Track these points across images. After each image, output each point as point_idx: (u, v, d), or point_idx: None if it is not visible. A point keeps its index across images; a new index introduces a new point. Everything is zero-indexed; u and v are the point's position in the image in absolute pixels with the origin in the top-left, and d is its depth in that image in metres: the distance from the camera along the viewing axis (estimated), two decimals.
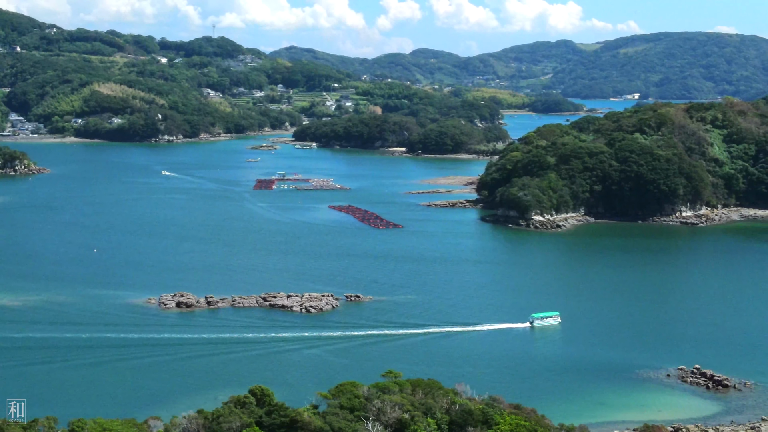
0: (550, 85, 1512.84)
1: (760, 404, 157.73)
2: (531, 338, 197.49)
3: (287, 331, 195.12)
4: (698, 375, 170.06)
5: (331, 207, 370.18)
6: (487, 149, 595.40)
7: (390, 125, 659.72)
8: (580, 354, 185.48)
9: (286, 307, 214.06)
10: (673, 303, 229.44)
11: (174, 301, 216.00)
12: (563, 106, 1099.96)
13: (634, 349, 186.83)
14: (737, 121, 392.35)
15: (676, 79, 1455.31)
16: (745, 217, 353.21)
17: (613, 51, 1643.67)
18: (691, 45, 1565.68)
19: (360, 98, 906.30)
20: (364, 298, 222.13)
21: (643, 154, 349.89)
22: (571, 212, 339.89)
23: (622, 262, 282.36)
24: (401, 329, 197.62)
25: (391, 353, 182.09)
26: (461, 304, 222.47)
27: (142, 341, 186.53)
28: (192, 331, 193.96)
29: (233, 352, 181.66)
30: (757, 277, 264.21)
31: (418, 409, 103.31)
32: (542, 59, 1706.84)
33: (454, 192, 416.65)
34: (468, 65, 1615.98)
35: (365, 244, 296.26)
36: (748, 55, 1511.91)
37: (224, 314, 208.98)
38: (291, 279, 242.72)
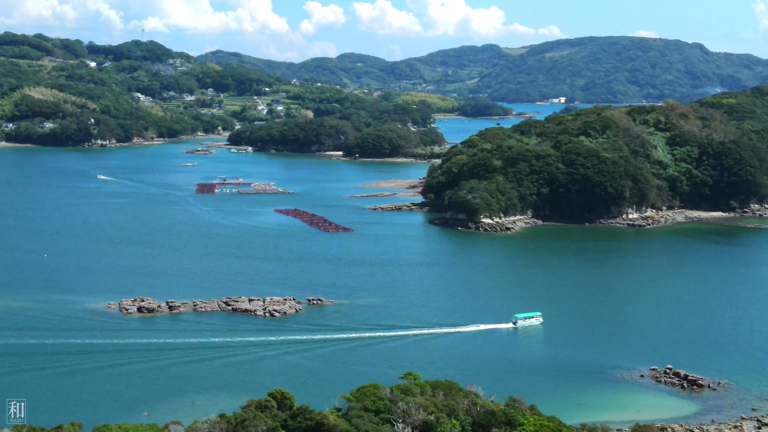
0: (477, 90, 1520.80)
1: (736, 403, 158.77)
2: (508, 339, 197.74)
3: (255, 336, 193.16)
4: (672, 375, 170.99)
5: (277, 211, 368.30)
6: (424, 153, 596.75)
7: (326, 129, 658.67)
8: (553, 354, 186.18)
9: (250, 311, 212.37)
10: (635, 304, 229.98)
11: (135, 306, 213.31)
12: (493, 110, 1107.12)
13: (605, 350, 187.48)
14: (680, 123, 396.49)
15: (601, 83, 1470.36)
16: (690, 218, 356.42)
17: (538, 55, 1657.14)
18: (615, 49, 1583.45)
19: (291, 102, 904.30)
20: (326, 302, 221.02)
21: (590, 156, 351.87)
22: (519, 215, 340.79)
23: (578, 264, 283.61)
24: (372, 332, 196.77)
25: (369, 357, 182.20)
26: (426, 306, 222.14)
27: (110, 347, 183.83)
28: (159, 336, 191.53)
29: (204, 357, 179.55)
30: (709, 277, 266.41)
31: (441, 410, 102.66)
32: (468, 63, 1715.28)
33: (398, 195, 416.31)
34: (395, 69, 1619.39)
35: (317, 247, 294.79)
36: (671, 60, 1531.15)
37: (188, 319, 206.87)
38: (248, 283, 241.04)
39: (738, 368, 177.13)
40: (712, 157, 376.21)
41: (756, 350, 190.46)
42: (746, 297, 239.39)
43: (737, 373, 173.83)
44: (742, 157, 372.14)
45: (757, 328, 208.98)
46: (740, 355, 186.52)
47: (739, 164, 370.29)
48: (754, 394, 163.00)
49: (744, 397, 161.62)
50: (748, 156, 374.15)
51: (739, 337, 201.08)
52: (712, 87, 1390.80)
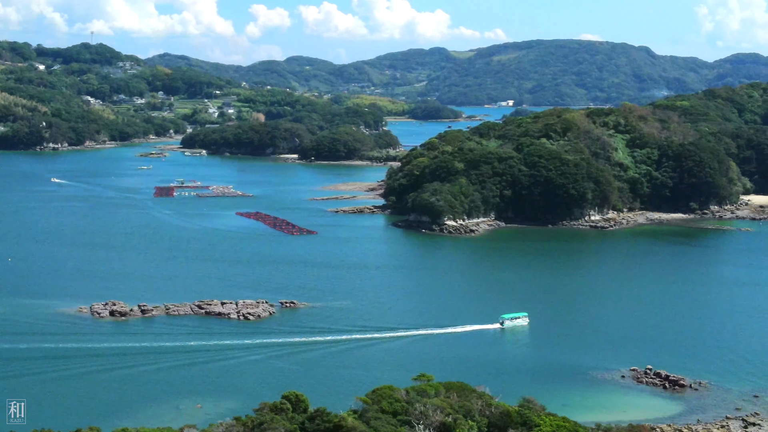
0: (425, 93, 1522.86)
1: (720, 403, 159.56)
2: (492, 340, 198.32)
3: (231, 339, 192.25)
4: (653, 375, 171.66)
5: (238, 214, 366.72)
6: (380, 156, 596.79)
7: (281, 132, 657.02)
8: (533, 355, 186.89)
9: (223, 315, 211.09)
10: (608, 305, 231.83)
11: (107, 309, 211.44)
12: (443, 113, 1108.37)
13: (583, 351, 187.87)
14: (639, 126, 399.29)
15: (549, 86, 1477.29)
16: (651, 220, 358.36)
17: (486, 58, 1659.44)
18: (562, 53, 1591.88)
19: (242, 105, 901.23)
20: (299, 305, 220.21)
21: (552, 159, 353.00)
22: (482, 217, 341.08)
23: (547, 265, 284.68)
24: (356, 335, 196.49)
25: (358, 359, 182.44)
26: (403, 308, 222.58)
27: (86, 351, 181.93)
28: (135, 340, 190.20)
29: (183, 361, 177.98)
30: (676, 278, 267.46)
31: (457, 412, 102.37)
32: (416, 67, 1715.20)
33: (359, 198, 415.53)
34: (343, 72, 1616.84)
35: (283, 250, 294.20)
36: (618, 63, 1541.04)
37: (162, 322, 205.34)
38: (218, 286, 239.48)
39: (716, 368, 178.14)
40: (671, 159, 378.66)
41: (731, 350, 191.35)
42: (714, 297, 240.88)
43: (716, 373, 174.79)
44: (702, 159, 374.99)
45: (729, 328, 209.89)
46: (717, 355, 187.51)
47: (698, 166, 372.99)
48: (735, 394, 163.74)
49: (726, 397, 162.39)
50: (708, 158, 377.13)
51: (712, 337, 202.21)
52: (659, 90, 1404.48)
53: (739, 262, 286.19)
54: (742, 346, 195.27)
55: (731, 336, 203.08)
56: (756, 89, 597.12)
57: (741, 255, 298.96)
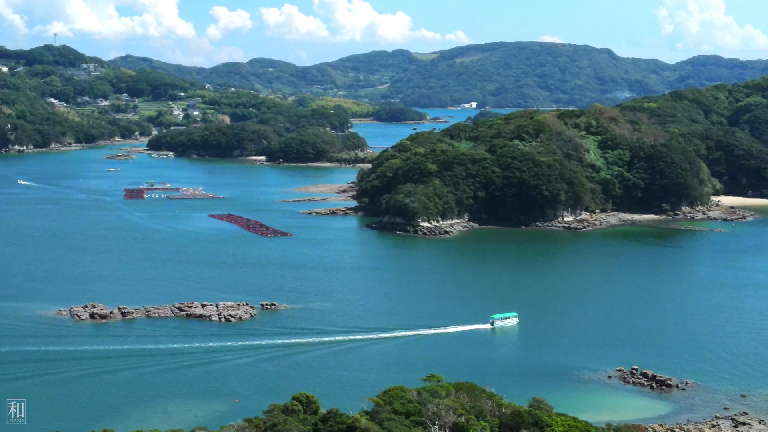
0: (389, 95, 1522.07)
1: (708, 403, 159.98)
2: (480, 340, 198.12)
3: (216, 341, 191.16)
4: (639, 375, 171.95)
5: (211, 216, 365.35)
6: (348, 157, 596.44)
7: (248, 134, 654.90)
8: (518, 356, 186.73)
9: (204, 317, 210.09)
10: (589, 306, 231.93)
11: (87, 312, 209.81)
12: (407, 115, 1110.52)
13: (569, 352, 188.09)
14: (610, 127, 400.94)
15: (512, 88, 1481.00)
16: (623, 221, 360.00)
17: (449, 60, 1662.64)
18: (525, 54, 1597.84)
19: (207, 107, 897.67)
20: (280, 306, 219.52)
21: (525, 160, 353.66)
22: (456, 218, 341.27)
23: (526, 266, 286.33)
24: (337, 336, 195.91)
25: (348, 361, 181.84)
26: (384, 310, 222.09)
27: (69, 354, 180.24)
28: (117, 342, 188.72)
29: (168, 363, 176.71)
30: (653, 278, 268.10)
31: (469, 412, 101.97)
32: (379, 69, 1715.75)
33: (330, 200, 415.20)
34: (306, 74, 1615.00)
35: (258, 252, 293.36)
36: (581, 65, 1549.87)
37: (143, 325, 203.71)
38: (196, 288, 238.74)
39: (700, 368, 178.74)
40: (643, 160, 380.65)
41: (714, 350, 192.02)
42: (693, 298, 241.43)
43: (701, 372, 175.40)
44: (673, 160, 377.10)
45: (710, 328, 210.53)
46: (700, 355, 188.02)
47: (670, 167, 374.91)
48: (722, 394, 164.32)
49: (714, 397, 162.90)
50: (679, 159, 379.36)
51: (695, 337, 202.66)
52: (621, 92, 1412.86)
53: (715, 263, 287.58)
54: (724, 346, 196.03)
55: (713, 336, 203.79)
56: (722, 91, 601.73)
57: (716, 256, 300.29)
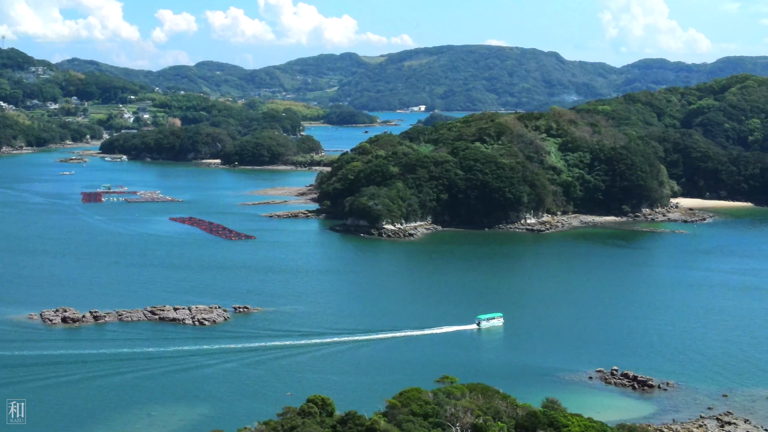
0: (337, 98, 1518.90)
1: (691, 403, 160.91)
2: (461, 342, 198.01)
3: (193, 344, 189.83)
4: (621, 376, 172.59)
5: (172, 219, 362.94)
6: (304, 160, 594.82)
7: (202, 137, 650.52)
8: (499, 357, 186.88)
9: (178, 320, 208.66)
10: (563, 307, 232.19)
11: (58, 316, 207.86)
12: (358, 118, 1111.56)
13: (547, 353, 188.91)
14: (570, 130, 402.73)
15: (460, 91, 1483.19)
16: (585, 223, 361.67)
17: (397, 64, 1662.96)
18: (473, 58, 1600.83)
19: (158, 110, 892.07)
20: (253, 309, 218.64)
21: (488, 162, 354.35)
22: (419, 221, 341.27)
23: (495, 268, 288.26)
24: (317, 339, 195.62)
25: (331, 364, 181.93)
26: (360, 312, 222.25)
27: (44, 359, 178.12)
28: (93, 347, 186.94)
29: (146, 367, 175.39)
30: (620, 279, 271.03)
31: (486, 413, 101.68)
32: (327, 72, 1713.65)
33: (290, 203, 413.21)
34: (254, 77, 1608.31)
35: (224, 255, 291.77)
36: (528, 68, 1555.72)
37: (116, 329, 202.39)
38: (165, 291, 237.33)
39: (679, 368, 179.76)
40: (603, 162, 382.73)
41: (690, 350, 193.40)
42: (662, 299, 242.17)
43: (680, 373, 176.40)
44: (634, 162, 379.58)
45: (682, 329, 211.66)
46: (678, 356, 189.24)
47: (630, 169, 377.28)
48: (704, 393, 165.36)
49: (696, 397, 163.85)
50: (639, 161, 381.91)
51: (668, 337, 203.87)
52: (569, 95, 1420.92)
53: (680, 264, 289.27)
54: (698, 346, 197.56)
55: (686, 337, 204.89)
56: (674, 93, 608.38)
57: (681, 257, 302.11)
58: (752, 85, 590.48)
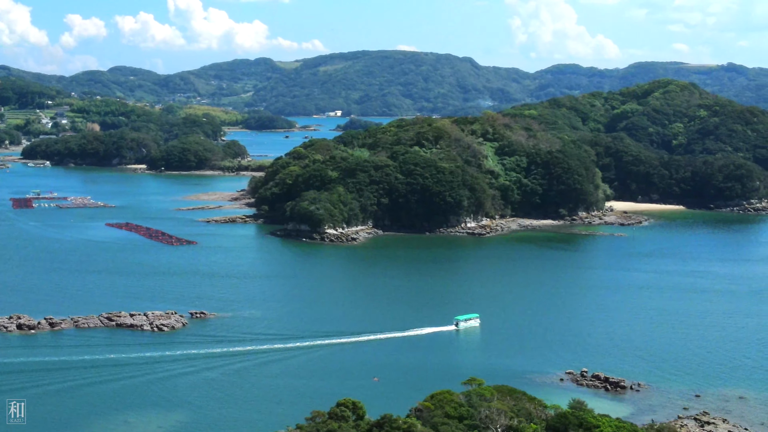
0: (253, 103, 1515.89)
1: (665, 403, 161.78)
2: (441, 343, 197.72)
3: (155, 351, 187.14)
4: (592, 378, 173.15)
5: (108, 225, 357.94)
6: (232, 165, 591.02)
7: (127, 142, 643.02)
8: (464, 361, 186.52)
9: (135, 326, 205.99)
10: (522, 309, 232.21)
11: (13, 323, 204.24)
12: (277, 123, 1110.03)
13: (515, 355, 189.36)
14: (507, 134, 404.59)
15: (376, 97, 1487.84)
16: (523, 227, 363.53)
17: (312, 69, 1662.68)
18: (388, 63, 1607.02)
19: (76, 116, 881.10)
20: (209, 315, 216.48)
21: (428, 167, 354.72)
22: (360, 225, 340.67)
23: (446, 272, 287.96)
24: (280, 343, 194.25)
25: (301, 368, 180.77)
26: (319, 316, 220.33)
27: (4, 367, 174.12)
28: (54, 353, 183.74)
29: (113, 374, 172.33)
30: (571, 282, 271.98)
31: (517, 415, 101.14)
32: (242, 77, 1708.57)
33: (225, 208, 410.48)
34: (168, 83, 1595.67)
35: (167, 260, 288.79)
36: (443, 73, 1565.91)
37: (73, 335, 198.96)
38: (115, 297, 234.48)
39: (646, 369, 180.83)
40: (540, 166, 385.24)
41: (653, 351, 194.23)
42: (614, 301, 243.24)
43: (648, 374, 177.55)
44: (570, 166, 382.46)
45: (640, 330, 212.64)
46: (642, 357, 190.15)
47: (567, 173, 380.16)
48: (676, 394, 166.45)
49: (669, 397, 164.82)
50: (576, 165, 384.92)
51: (629, 339, 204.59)
52: (484, 100, 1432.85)
53: (626, 267, 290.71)
54: (663, 347, 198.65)
55: (646, 338, 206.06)
56: (597, 98, 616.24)
57: (625, 260, 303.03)
58: (674, 89, 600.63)
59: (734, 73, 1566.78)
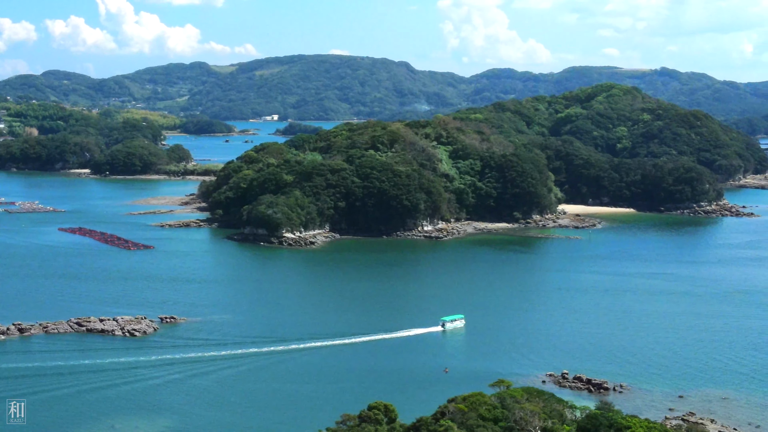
0: (188, 107, 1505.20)
1: (650, 404, 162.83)
2: (426, 345, 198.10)
3: (130, 356, 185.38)
4: (574, 379, 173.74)
5: (61, 229, 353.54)
6: (177, 169, 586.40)
7: (71, 146, 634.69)
8: (449, 363, 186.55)
9: (106, 332, 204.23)
10: (496, 312, 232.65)
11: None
12: (216, 128, 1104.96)
13: (494, 357, 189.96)
14: (460, 137, 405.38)
15: (312, 101, 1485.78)
16: (479, 230, 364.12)
17: (248, 73, 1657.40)
18: (324, 67, 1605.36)
19: (13, 120, 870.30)
20: (180, 319, 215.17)
21: (384, 170, 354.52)
22: (318, 229, 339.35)
23: (407, 275, 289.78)
24: (249, 348, 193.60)
25: (285, 372, 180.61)
26: (296, 320, 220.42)
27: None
28: (25, 360, 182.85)
29: (90, 380, 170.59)
30: (535, 284, 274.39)
31: (550, 416, 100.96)
32: (177, 81, 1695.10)
33: (177, 212, 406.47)
34: (103, 87, 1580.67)
35: (127, 265, 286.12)
36: (380, 78, 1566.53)
37: (45, 341, 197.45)
38: (81, 302, 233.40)
39: (625, 370, 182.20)
40: (494, 169, 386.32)
41: (627, 352, 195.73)
42: (580, 302, 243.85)
43: (628, 375, 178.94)
44: (524, 169, 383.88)
45: (609, 331, 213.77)
46: (619, 358, 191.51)
47: (521, 176, 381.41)
48: (659, 395, 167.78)
49: (653, 398, 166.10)
50: (530, 168, 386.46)
51: (601, 340, 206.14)
52: (420, 104, 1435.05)
53: (587, 269, 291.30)
54: (639, 348, 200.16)
55: (617, 339, 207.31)
56: (541, 102, 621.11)
57: (585, 262, 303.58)
58: (617, 93, 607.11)
59: (667, 78, 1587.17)
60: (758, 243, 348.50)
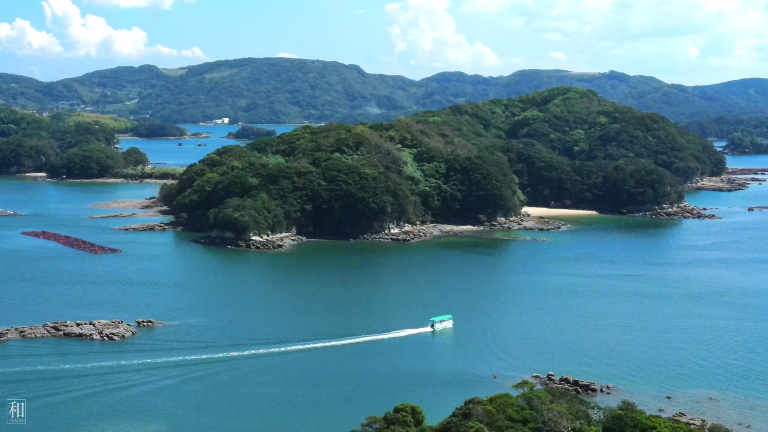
0: (138, 110, 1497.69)
1: (639, 405, 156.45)
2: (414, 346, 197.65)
3: (108, 360, 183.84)
4: (561, 381, 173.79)
5: (24, 233, 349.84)
6: (135, 173, 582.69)
7: (26, 150, 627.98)
8: (426, 366, 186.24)
9: (84, 336, 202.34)
10: (475, 314, 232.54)
11: None
12: (168, 131, 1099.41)
13: (477, 359, 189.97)
14: (425, 140, 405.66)
15: (263, 104, 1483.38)
16: (445, 232, 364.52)
17: (198, 76, 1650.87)
18: (275, 71, 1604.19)
19: None
20: (157, 323, 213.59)
21: (350, 173, 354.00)
22: (284, 232, 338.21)
23: (379, 277, 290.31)
24: (230, 352, 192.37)
25: (251, 376, 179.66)
26: (268, 323, 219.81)
27: None
28: (4, 365, 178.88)
29: (73, 385, 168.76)
30: (507, 286, 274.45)
31: (577, 417, 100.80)
32: (127, 84, 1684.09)
33: (139, 215, 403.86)
34: (51, 90, 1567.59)
35: (94, 269, 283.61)
36: (330, 81, 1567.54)
37: (22, 346, 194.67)
38: (53, 306, 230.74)
39: (609, 371, 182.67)
40: (459, 172, 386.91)
41: (611, 354, 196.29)
42: (553, 304, 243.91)
43: (613, 376, 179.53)
44: (489, 172, 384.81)
45: (588, 333, 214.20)
46: (601, 359, 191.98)
47: (486, 179, 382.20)
48: (646, 396, 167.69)
49: (641, 399, 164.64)
50: (494, 171, 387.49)
51: (581, 342, 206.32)
52: (371, 107, 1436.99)
53: (557, 272, 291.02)
54: (620, 349, 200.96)
55: (597, 341, 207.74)
56: (498, 105, 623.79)
57: (554, 264, 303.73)
58: (574, 96, 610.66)
59: (616, 81, 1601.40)
60: (723, 245, 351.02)
